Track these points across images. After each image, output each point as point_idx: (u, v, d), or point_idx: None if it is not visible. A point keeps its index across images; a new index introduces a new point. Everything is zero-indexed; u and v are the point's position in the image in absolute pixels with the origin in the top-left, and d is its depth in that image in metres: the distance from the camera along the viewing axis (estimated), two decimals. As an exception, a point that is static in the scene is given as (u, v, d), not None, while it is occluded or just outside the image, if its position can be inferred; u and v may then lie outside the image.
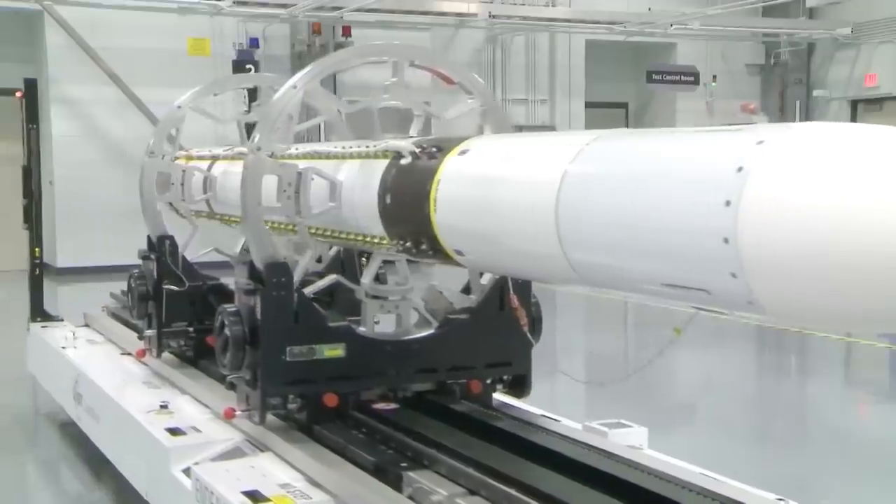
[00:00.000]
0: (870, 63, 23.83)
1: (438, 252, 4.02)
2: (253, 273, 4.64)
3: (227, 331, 4.60)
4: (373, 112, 4.83)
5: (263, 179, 4.66)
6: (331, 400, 4.65)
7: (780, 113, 25.05)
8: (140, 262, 6.53)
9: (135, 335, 7.30)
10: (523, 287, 4.82)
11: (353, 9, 20.21)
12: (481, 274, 4.93)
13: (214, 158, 6.26)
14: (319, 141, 6.54)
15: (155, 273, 6.20)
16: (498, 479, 3.82)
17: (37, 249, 8.56)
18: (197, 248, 6.62)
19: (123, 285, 18.45)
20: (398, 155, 4.26)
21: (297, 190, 4.61)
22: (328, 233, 4.75)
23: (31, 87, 8.77)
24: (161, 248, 6.19)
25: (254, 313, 4.58)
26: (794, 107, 24.94)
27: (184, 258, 6.23)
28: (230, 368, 4.64)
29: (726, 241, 2.51)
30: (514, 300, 4.72)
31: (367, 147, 4.58)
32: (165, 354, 6.36)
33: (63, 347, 7.59)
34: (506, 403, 5.09)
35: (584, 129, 22.73)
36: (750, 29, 24.79)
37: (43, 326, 8.55)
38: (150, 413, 5.45)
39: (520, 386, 5.03)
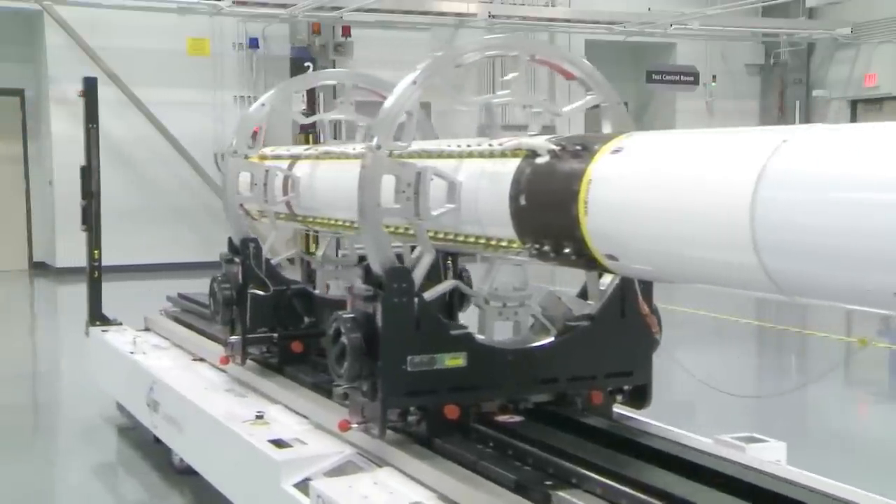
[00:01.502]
0: (869, 63, 23.76)
1: (583, 256, 3.80)
2: (370, 278, 4.41)
3: (344, 339, 4.35)
4: (492, 109, 4.61)
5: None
6: (452, 412, 4.41)
7: (780, 113, 24.96)
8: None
9: (202, 339, 7.13)
10: (645, 291, 4.60)
11: (353, 9, 20.15)
12: (600, 275, 4.70)
13: (294, 158, 6.00)
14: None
15: (240, 277, 5.91)
16: (664, 499, 3.59)
17: (96, 251, 8.23)
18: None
19: (125, 285, 18.39)
20: (532, 154, 4.05)
21: (416, 190, 4.38)
22: (446, 236, 4.52)
23: (91, 87, 8.48)
24: (245, 250, 5.91)
25: (372, 320, 4.34)
26: (793, 107, 24.84)
27: (267, 261, 5.95)
28: (348, 379, 4.39)
29: None
30: (644, 306, 4.51)
31: (491, 145, 4.36)
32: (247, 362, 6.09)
33: (131, 353, 7.31)
34: (623, 415, 4.87)
35: (584, 128, 22.63)
36: (749, 29, 24.69)
37: (104, 330, 8.23)
38: (245, 423, 5.19)
39: (640, 396, 4.79)
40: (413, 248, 4.77)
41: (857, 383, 10.87)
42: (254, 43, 21.01)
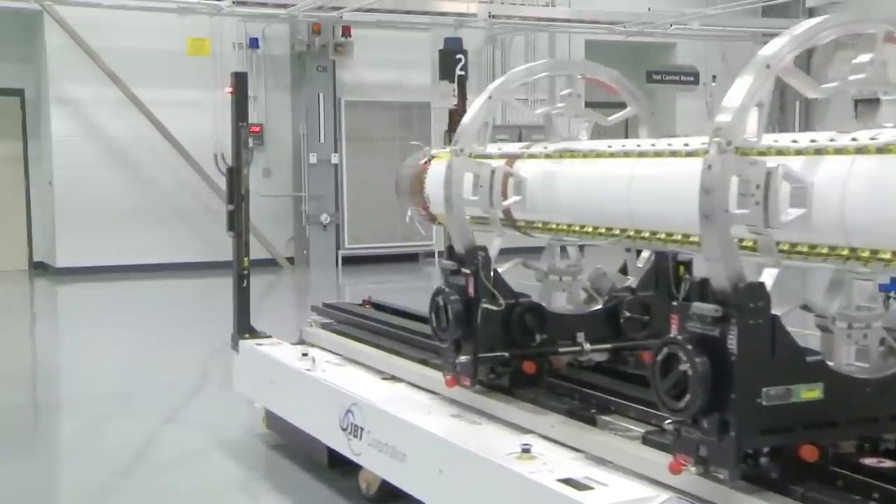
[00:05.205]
0: (870, 63, 23.41)
1: None
2: (713, 296, 3.76)
3: (686, 367, 3.71)
4: (848, 99, 4.01)
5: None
6: (809, 453, 3.76)
7: (780, 113, 24.60)
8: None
9: (386, 355, 6.53)
10: None
11: (353, 9, 19.77)
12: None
13: (511, 157, 5.31)
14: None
15: (471, 290, 5.19)
16: None
17: (245, 259, 7.44)
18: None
19: (127, 286, 17.64)
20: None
21: (765, 194, 3.75)
22: (797, 248, 3.86)
23: (241, 82, 7.72)
24: (473, 260, 5.22)
25: (717, 346, 3.70)
26: (793, 107, 24.48)
27: (496, 273, 5.24)
28: (690, 413, 3.75)
29: None
30: None
31: (854, 139, 3.77)
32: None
33: (308, 370, 6.56)
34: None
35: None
36: (749, 29, 24.33)
37: (258, 344, 7.45)
38: (511, 457, 4.47)
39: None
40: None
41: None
42: (254, 43, 20.68)
